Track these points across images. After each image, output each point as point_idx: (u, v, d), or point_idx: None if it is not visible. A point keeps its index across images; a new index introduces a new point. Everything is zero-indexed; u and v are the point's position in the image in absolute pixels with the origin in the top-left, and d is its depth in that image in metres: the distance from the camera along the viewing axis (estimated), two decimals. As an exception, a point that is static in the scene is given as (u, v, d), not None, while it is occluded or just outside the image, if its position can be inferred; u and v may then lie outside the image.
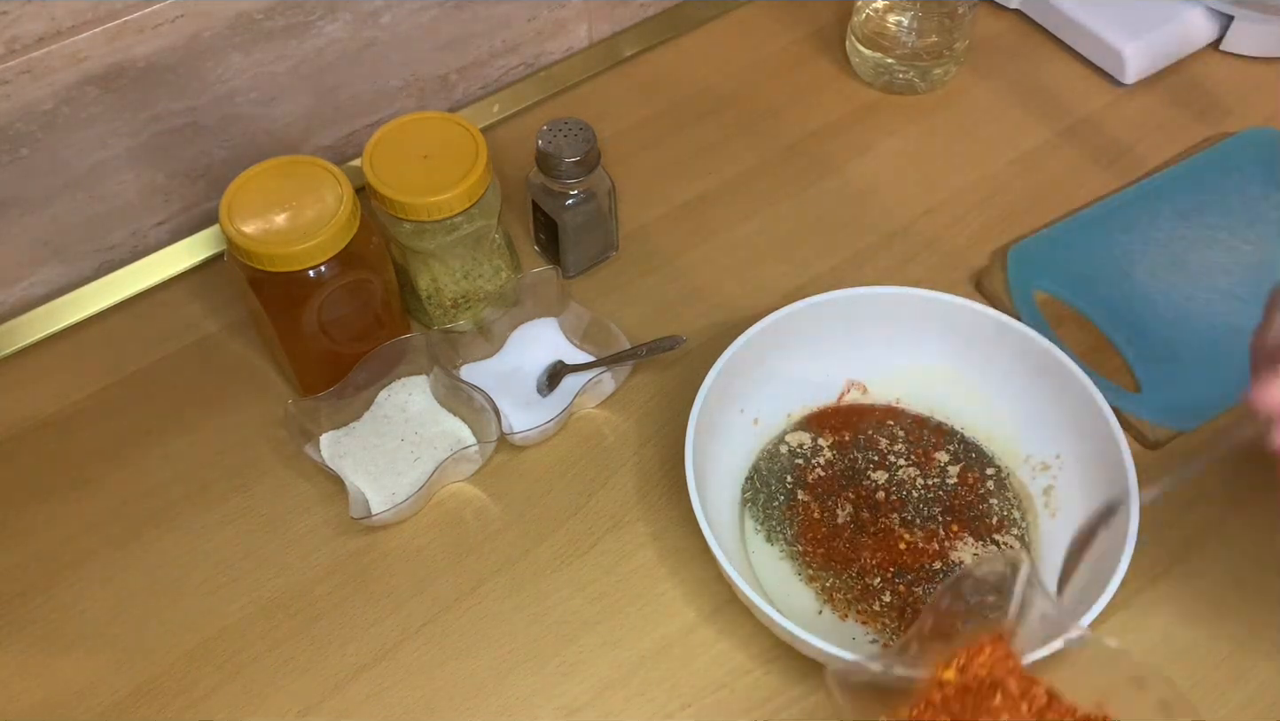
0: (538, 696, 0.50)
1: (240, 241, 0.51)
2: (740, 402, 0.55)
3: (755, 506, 0.55)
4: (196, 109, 0.62)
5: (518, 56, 0.74)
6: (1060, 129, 0.71)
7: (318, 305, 0.54)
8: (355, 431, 0.57)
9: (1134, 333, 0.60)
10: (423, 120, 0.57)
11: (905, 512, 0.54)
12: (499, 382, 0.59)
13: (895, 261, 0.65)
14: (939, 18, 0.70)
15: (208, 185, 0.66)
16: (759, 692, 0.50)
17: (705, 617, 0.52)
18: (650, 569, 0.54)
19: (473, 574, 0.54)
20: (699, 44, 0.77)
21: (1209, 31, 0.73)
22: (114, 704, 0.50)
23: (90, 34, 0.56)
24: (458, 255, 0.58)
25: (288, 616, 0.53)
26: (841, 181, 0.69)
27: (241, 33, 0.61)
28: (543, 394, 0.59)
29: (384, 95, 0.69)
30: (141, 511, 0.56)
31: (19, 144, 0.58)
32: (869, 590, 0.52)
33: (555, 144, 0.58)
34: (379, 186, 0.54)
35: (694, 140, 0.71)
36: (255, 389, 0.61)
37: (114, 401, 0.60)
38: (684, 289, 0.64)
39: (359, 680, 0.51)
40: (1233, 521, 0.55)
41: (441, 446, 0.57)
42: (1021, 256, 0.62)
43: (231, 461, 0.58)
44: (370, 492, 0.55)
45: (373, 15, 0.65)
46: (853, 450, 0.57)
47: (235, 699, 0.50)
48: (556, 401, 0.59)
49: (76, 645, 0.52)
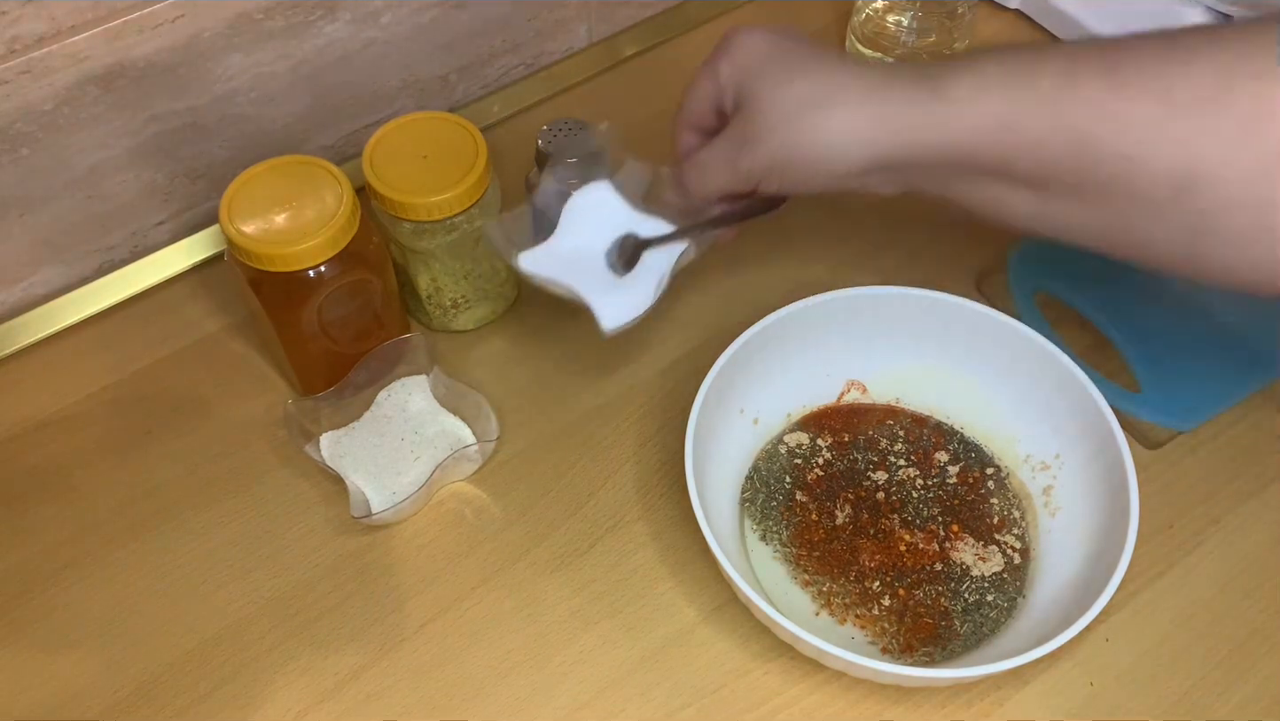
0: (538, 696, 0.50)
1: (240, 241, 0.51)
2: (740, 402, 0.55)
3: (754, 506, 0.55)
4: (196, 109, 0.62)
5: (518, 56, 0.74)
6: (1060, 129, 0.71)
7: (318, 305, 0.54)
8: (355, 431, 0.58)
9: (1134, 333, 0.60)
10: (422, 120, 0.57)
11: (905, 513, 0.54)
12: (566, 268, 0.53)
13: (895, 261, 0.65)
14: (939, 18, 0.70)
15: (208, 185, 0.66)
16: (759, 692, 0.50)
17: (705, 617, 0.52)
18: (650, 569, 0.54)
19: (473, 574, 0.54)
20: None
21: (1209, 31, 0.73)
22: (114, 704, 0.50)
23: (90, 34, 0.56)
24: (458, 255, 0.58)
25: (288, 616, 0.53)
26: (841, 181, 0.69)
27: (241, 33, 0.61)
28: (618, 273, 0.53)
29: (384, 95, 0.69)
30: (141, 511, 0.56)
31: (19, 144, 0.58)
32: (868, 594, 0.52)
33: (555, 144, 0.58)
34: (379, 186, 0.54)
35: (694, 140, 0.71)
36: (255, 389, 0.61)
37: (114, 401, 0.60)
38: (684, 289, 0.64)
39: (359, 680, 0.51)
40: (1233, 520, 0.55)
41: (441, 446, 0.57)
42: (1022, 257, 0.62)
43: (231, 461, 0.58)
44: (370, 492, 0.55)
45: (373, 15, 0.65)
46: (852, 450, 0.57)
47: (235, 699, 0.50)
48: (644, 278, 0.53)
49: (76, 645, 0.52)
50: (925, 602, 0.51)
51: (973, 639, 0.50)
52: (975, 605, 0.51)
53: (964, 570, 0.52)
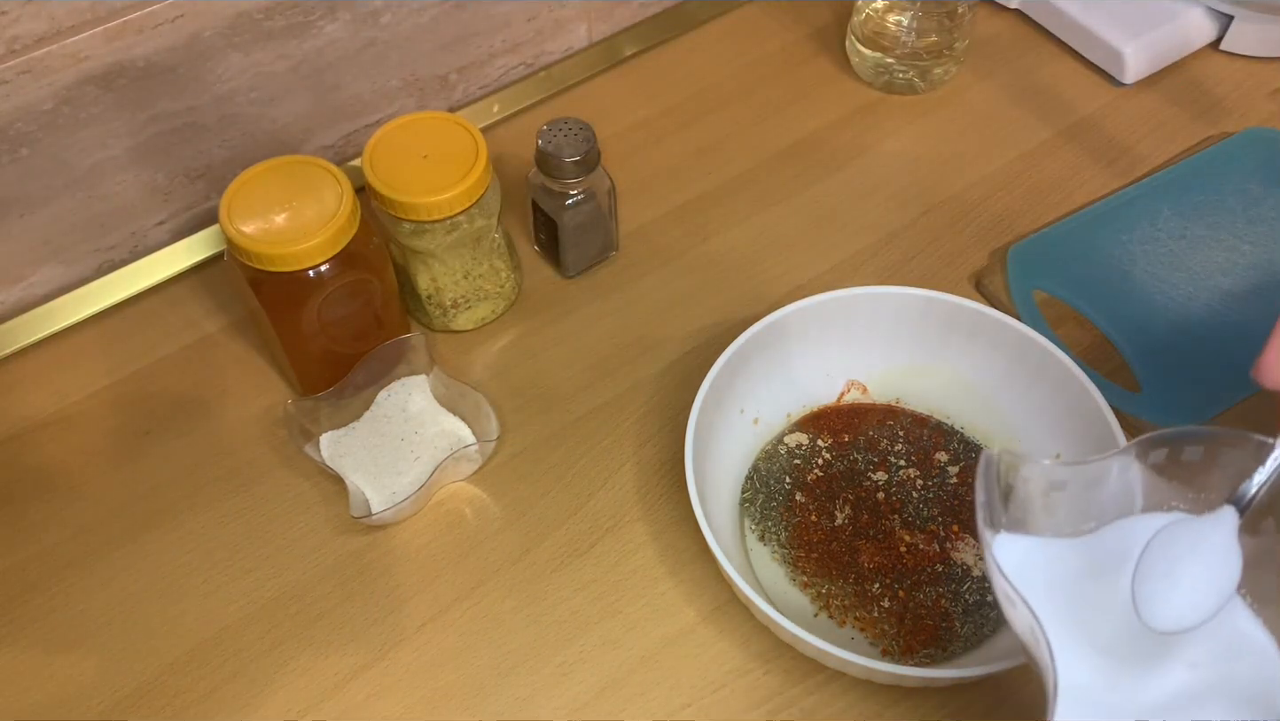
0: (538, 696, 0.50)
1: (240, 241, 0.51)
2: (740, 402, 0.55)
3: (754, 507, 0.55)
4: (196, 109, 0.62)
5: (518, 56, 0.74)
6: (1060, 129, 0.71)
7: (318, 305, 0.54)
8: (355, 431, 0.58)
9: (1134, 332, 0.60)
10: (423, 120, 0.57)
11: (905, 513, 0.54)
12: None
13: (895, 261, 0.65)
14: (939, 17, 0.70)
15: (208, 185, 0.66)
16: (759, 692, 0.50)
17: (705, 617, 0.52)
18: (650, 569, 0.54)
19: (473, 574, 0.54)
20: (699, 44, 0.77)
21: (1209, 31, 0.73)
22: (114, 703, 0.50)
23: (90, 34, 0.56)
24: (458, 255, 0.58)
25: (288, 616, 0.53)
26: (841, 181, 0.69)
27: (241, 33, 0.61)
28: None
29: (384, 95, 0.69)
30: (141, 511, 0.56)
31: (19, 144, 0.58)
32: (867, 596, 0.52)
33: (555, 144, 0.58)
34: (379, 186, 0.54)
35: (694, 140, 0.71)
36: (255, 389, 0.61)
37: (114, 401, 0.60)
38: (684, 289, 0.64)
39: (359, 680, 0.51)
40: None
41: (441, 446, 0.57)
42: (1021, 256, 0.63)
43: (231, 461, 0.58)
44: (370, 492, 0.55)
45: (373, 15, 0.65)
46: (852, 451, 0.57)
47: (235, 699, 0.50)
48: None
49: (76, 645, 0.52)
50: (925, 604, 0.51)
51: (973, 639, 0.50)
52: (976, 605, 0.51)
53: (965, 570, 0.52)
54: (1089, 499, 0.41)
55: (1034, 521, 0.41)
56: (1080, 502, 0.41)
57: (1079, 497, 0.41)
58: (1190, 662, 0.38)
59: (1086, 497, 0.41)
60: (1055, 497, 0.41)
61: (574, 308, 0.64)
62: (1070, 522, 0.41)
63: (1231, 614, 0.39)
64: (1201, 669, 0.38)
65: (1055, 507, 0.41)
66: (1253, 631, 0.39)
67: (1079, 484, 0.41)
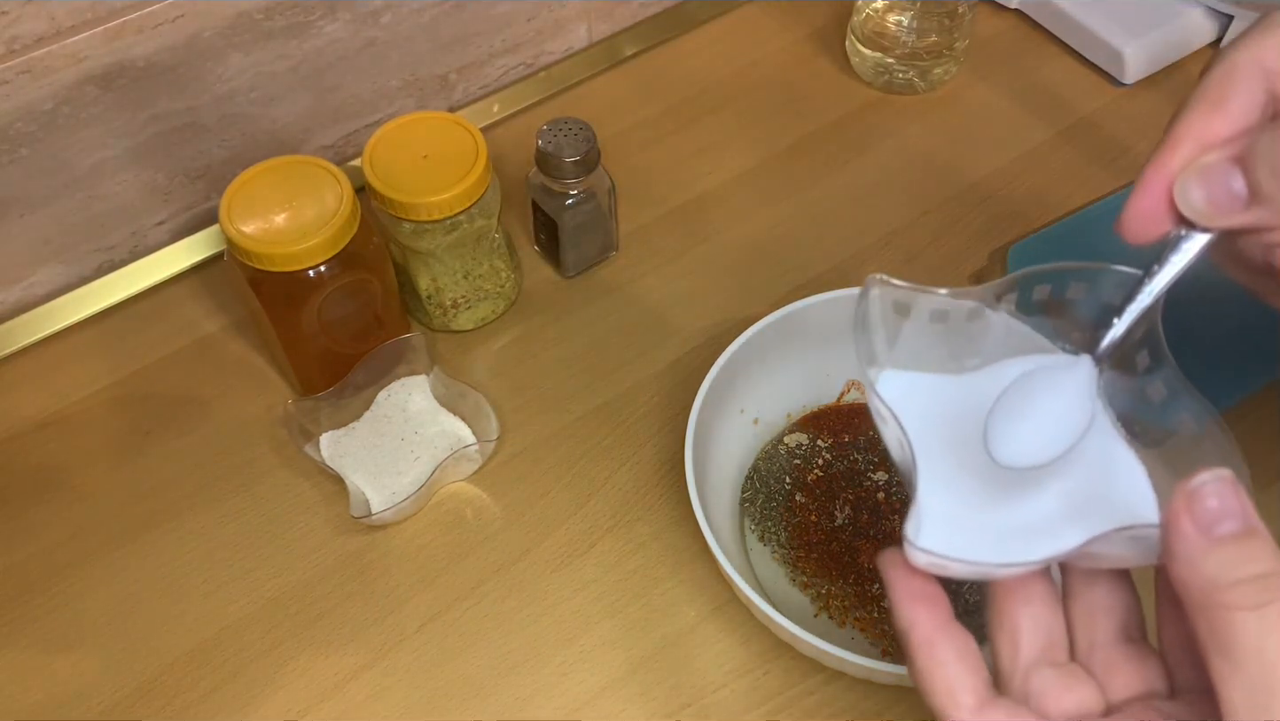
0: (538, 696, 0.50)
1: (240, 241, 0.51)
2: (740, 402, 0.55)
3: (754, 507, 0.55)
4: (196, 109, 0.62)
5: (518, 56, 0.74)
6: (1060, 129, 0.71)
7: (318, 305, 0.54)
8: (355, 431, 0.58)
9: (1134, 332, 0.60)
10: (423, 120, 0.57)
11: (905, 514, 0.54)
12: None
13: (895, 261, 0.65)
14: (939, 17, 0.70)
15: (208, 185, 0.66)
16: (759, 692, 0.50)
17: (705, 617, 0.52)
18: (650, 569, 0.54)
19: (473, 574, 0.54)
20: (699, 44, 0.77)
21: (1209, 31, 0.73)
22: (114, 704, 0.50)
23: (90, 34, 0.56)
24: (458, 255, 0.58)
25: (288, 616, 0.53)
26: (841, 181, 0.69)
27: (241, 33, 0.61)
28: None
29: (384, 95, 0.69)
30: (141, 511, 0.56)
31: (19, 144, 0.58)
32: (867, 596, 0.52)
33: (555, 144, 0.58)
34: (379, 186, 0.54)
35: (694, 140, 0.71)
36: (255, 389, 0.61)
37: (114, 401, 0.60)
38: (684, 289, 0.64)
39: (359, 680, 0.51)
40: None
41: (441, 446, 0.57)
42: (1021, 256, 0.62)
43: (231, 461, 0.58)
44: (370, 492, 0.55)
45: (373, 15, 0.65)
46: (852, 451, 0.57)
47: (235, 699, 0.50)
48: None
49: (76, 645, 0.52)
50: (925, 602, 0.51)
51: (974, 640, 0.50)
52: (975, 606, 0.51)
53: (964, 570, 0.52)
54: (971, 334, 0.42)
55: (917, 356, 0.41)
56: (962, 339, 0.42)
57: (960, 333, 0.42)
58: (1060, 492, 0.39)
59: (969, 333, 0.42)
60: (938, 330, 0.42)
61: (574, 308, 0.64)
62: (955, 359, 0.42)
63: (1107, 444, 0.39)
64: (1072, 497, 0.38)
65: (938, 342, 0.42)
66: (1127, 462, 0.39)
67: (960, 316, 0.42)
